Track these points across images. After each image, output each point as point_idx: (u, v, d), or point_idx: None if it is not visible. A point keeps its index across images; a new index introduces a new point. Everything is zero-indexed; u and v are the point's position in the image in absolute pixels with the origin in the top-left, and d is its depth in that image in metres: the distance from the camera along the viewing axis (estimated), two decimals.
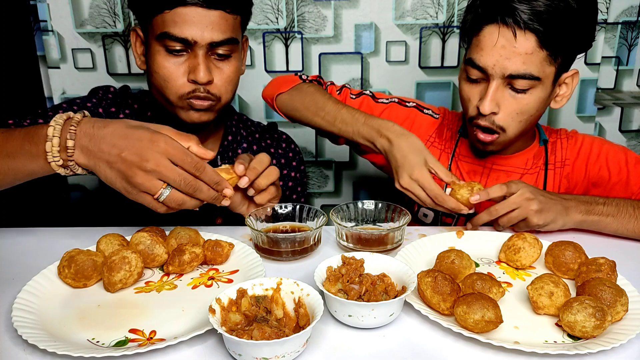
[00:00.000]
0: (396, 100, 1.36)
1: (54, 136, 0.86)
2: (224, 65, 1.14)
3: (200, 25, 1.07)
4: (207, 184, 0.90)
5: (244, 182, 0.99)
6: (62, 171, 0.89)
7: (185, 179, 0.87)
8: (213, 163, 1.27)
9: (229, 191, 0.93)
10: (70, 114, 0.89)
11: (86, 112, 0.91)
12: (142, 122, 0.89)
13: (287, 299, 0.78)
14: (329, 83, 1.37)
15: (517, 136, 1.17)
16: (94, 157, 0.87)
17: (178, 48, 1.09)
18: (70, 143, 0.86)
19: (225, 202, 0.95)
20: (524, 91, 1.10)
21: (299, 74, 1.35)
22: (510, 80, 1.09)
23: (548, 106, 1.17)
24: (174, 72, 1.11)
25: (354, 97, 1.35)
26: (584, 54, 1.78)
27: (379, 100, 1.35)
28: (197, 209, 0.93)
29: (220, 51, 1.11)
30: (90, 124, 0.87)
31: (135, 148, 0.84)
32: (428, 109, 1.35)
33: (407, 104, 1.35)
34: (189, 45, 1.09)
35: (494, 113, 1.12)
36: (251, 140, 1.36)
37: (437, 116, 1.35)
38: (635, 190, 1.20)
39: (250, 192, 1.03)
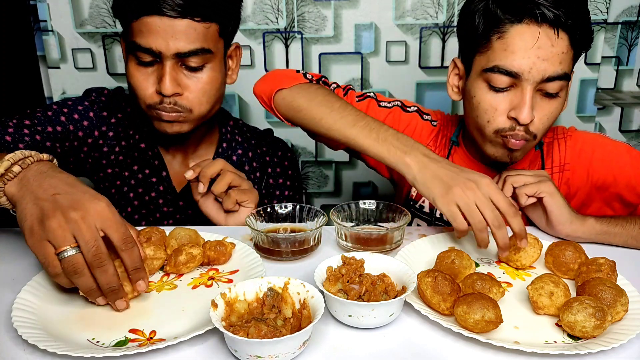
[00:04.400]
0: (399, 104, 1.29)
1: (7, 160, 0.80)
2: (196, 76, 1.10)
3: (165, 35, 1.04)
4: (126, 266, 0.79)
5: (189, 174, 1.05)
6: None
7: (98, 249, 0.74)
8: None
9: (142, 284, 0.81)
10: (45, 155, 0.84)
11: (55, 161, 0.86)
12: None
13: (294, 299, 0.79)
14: (334, 85, 1.26)
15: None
16: (25, 188, 0.78)
17: (148, 59, 1.07)
18: (16, 168, 0.80)
19: (120, 305, 0.79)
20: (555, 95, 1.04)
21: (301, 71, 1.22)
22: (543, 84, 1.02)
23: None
24: (143, 82, 1.09)
25: (358, 99, 1.28)
26: (584, 53, 1.79)
27: (381, 104, 1.28)
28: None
29: (191, 63, 1.08)
30: (49, 165, 0.82)
31: (74, 196, 0.76)
32: (427, 115, 1.29)
33: (408, 108, 1.29)
34: (157, 56, 1.06)
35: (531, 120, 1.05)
36: (246, 147, 1.34)
37: (435, 123, 1.29)
38: None
39: (224, 204, 1.08)
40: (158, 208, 1.27)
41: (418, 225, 1.31)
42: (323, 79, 1.25)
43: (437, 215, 1.28)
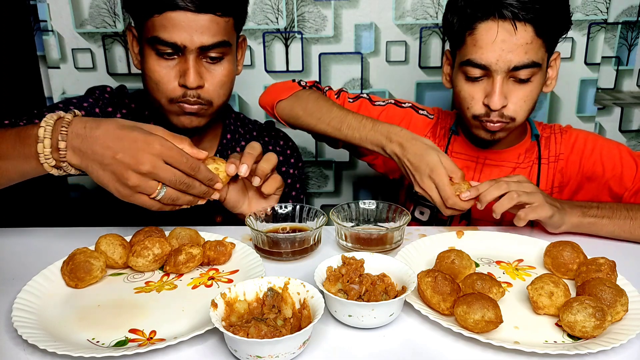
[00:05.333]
0: (392, 101, 1.37)
1: (44, 137, 0.85)
2: (216, 68, 1.13)
3: (189, 29, 1.06)
4: (201, 181, 0.91)
5: (244, 170, 0.96)
6: (55, 172, 0.88)
7: (180, 179, 0.87)
8: None
9: (219, 185, 0.94)
10: (61, 113, 0.88)
11: (77, 112, 0.90)
12: (135, 123, 0.88)
13: (294, 299, 0.79)
14: (327, 88, 1.37)
15: (523, 122, 1.20)
16: (86, 158, 0.85)
17: (169, 52, 1.09)
18: (62, 144, 0.85)
19: (215, 196, 0.96)
20: (527, 80, 1.12)
21: (296, 80, 1.34)
22: (513, 72, 1.11)
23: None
24: (165, 75, 1.11)
25: (351, 100, 1.36)
26: (584, 53, 1.79)
27: (375, 103, 1.36)
28: (189, 207, 0.93)
29: (212, 54, 1.11)
30: (81, 124, 0.86)
31: (130, 150, 0.84)
32: (423, 110, 1.37)
33: (402, 104, 1.37)
34: (179, 49, 1.08)
35: (503, 106, 1.13)
36: (249, 138, 1.36)
37: (432, 117, 1.37)
38: (628, 185, 1.21)
39: (256, 181, 1.00)
40: None
41: (421, 213, 1.32)
42: (316, 84, 1.34)
43: None
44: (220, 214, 1.25)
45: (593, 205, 1.10)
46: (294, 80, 1.34)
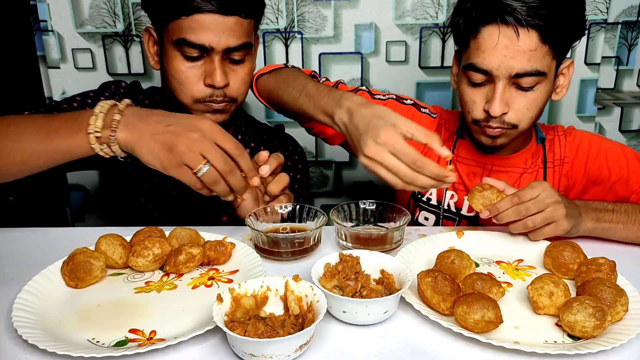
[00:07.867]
0: (394, 96, 1.33)
1: (100, 112, 0.90)
2: (239, 68, 1.15)
3: (216, 31, 1.08)
4: (242, 169, 0.93)
5: (265, 170, 1.02)
6: (97, 148, 0.91)
7: (225, 157, 0.89)
8: None
9: (256, 180, 0.96)
10: (125, 101, 0.93)
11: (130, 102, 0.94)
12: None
13: (303, 301, 0.79)
14: (324, 79, 1.30)
15: (527, 129, 1.16)
16: (138, 130, 0.89)
17: (195, 55, 1.10)
18: (117, 116, 0.89)
19: (246, 195, 1.00)
20: (530, 88, 1.08)
21: (289, 64, 1.28)
22: (515, 79, 1.07)
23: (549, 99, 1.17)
24: (191, 76, 1.12)
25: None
26: (584, 53, 1.79)
27: (375, 96, 1.31)
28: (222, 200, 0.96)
29: (235, 57, 1.13)
30: (138, 108, 0.93)
31: (184, 122, 0.89)
32: (425, 108, 1.34)
33: (404, 101, 1.33)
34: (205, 51, 1.10)
35: (504, 113, 1.10)
36: (259, 141, 1.37)
37: (435, 116, 1.33)
38: (635, 188, 1.19)
39: (266, 198, 1.07)
40: (172, 198, 1.27)
41: (426, 218, 1.32)
42: (313, 73, 1.30)
43: (445, 207, 1.29)
44: (227, 213, 1.25)
45: (608, 209, 1.08)
46: (286, 64, 1.28)
